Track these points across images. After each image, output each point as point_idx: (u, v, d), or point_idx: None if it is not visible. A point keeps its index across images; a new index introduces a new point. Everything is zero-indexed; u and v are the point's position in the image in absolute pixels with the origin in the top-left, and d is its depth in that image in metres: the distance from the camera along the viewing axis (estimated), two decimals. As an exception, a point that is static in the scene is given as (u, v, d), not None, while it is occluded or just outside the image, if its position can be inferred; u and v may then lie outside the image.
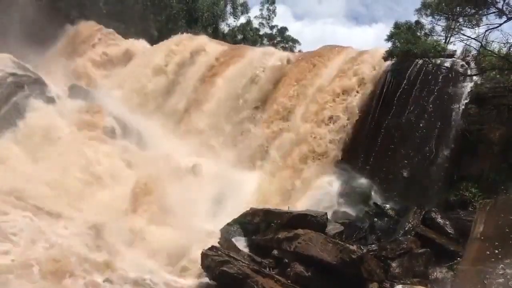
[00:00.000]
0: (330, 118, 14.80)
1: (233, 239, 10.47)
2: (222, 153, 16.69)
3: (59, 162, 13.20)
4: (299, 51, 29.20)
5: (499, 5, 11.34)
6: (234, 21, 32.88)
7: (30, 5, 22.61)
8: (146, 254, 10.45)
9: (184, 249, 10.46)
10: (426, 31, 13.24)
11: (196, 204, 12.99)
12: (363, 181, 13.22)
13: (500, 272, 6.31)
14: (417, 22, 13.81)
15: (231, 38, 30.57)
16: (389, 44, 13.58)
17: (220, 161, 16.07)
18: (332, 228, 10.61)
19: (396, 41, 13.24)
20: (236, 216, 11.23)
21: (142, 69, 20.75)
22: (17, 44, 19.39)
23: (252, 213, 10.94)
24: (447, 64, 13.48)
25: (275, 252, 9.71)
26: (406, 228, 10.57)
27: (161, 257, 10.38)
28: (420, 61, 13.38)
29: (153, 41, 23.40)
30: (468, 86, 12.98)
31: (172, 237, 10.98)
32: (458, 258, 9.03)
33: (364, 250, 9.48)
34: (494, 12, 11.52)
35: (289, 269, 9.15)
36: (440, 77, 13.23)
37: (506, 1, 11.20)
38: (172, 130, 18.34)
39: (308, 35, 50.81)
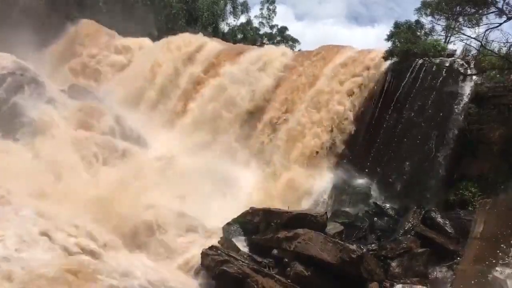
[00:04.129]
0: (330, 117, 14.82)
1: (233, 239, 10.48)
2: (221, 151, 16.69)
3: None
4: (299, 50, 29.18)
5: (499, 5, 11.36)
6: (234, 20, 32.92)
7: (30, 5, 22.61)
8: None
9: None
10: (426, 30, 13.24)
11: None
12: (363, 180, 13.23)
13: (500, 272, 6.32)
14: (417, 22, 13.80)
15: (231, 37, 30.57)
16: (389, 44, 13.60)
17: (218, 158, 16.08)
18: (332, 227, 10.63)
19: (396, 40, 13.25)
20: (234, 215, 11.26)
21: (141, 68, 20.76)
22: (17, 43, 19.38)
23: (252, 213, 10.95)
24: (447, 63, 13.48)
25: (275, 251, 9.73)
26: (406, 228, 10.57)
27: None
28: (420, 61, 13.38)
29: (153, 40, 23.38)
30: (468, 85, 12.98)
31: None
32: (458, 258, 9.04)
33: (364, 250, 9.49)
34: (494, 12, 11.51)
35: (289, 268, 9.16)
36: (440, 76, 13.23)
37: (506, 0, 11.21)
38: (172, 128, 18.35)
39: (309, 35, 50.76)
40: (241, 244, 10.35)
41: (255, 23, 33.70)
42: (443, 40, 14.41)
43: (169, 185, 13.24)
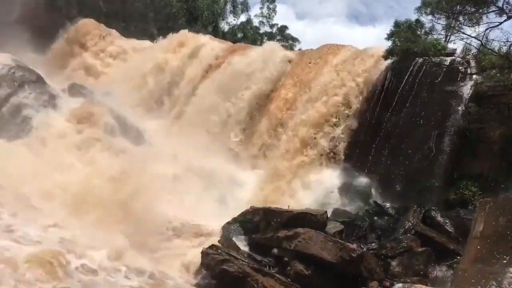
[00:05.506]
0: (330, 115, 14.82)
1: (233, 238, 10.48)
2: (221, 150, 16.69)
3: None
4: (299, 49, 29.19)
5: (499, 4, 11.35)
6: (234, 19, 32.96)
7: (30, 4, 22.59)
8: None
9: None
10: (426, 29, 13.27)
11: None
12: (363, 179, 13.22)
13: (500, 271, 6.31)
14: (417, 21, 13.82)
15: (231, 36, 30.57)
16: (390, 43, 13.60)
17: (219, 158, 16.07)
18: (332, 226, 10.63)
19: (396, 39, 13.24)
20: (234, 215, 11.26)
21: (142, 67, 20.75)
22: (17, 43, 19.38)
23: (252, 212, 10.96)
24: (447, 62, 13.45)
25: (275, 250, 9.73)
26: (406, 227, 10.57)
27: None
28: (420, 60, 13.37)
29: (153, 39, 23.39)
30: (468, 84, 12.95)
31: None
32: (458, 257, 9.03)
33: (364, 249, 9.50)
34: (494, 11, 11.51)
35: (289, 267, 9.17)
36: (440, 75, 13.21)
37: (506, -1, 11.20)
38: (172, 127, 18.34)
39: (310, 35, 50.95)
40: (241, 243, 10.36)
41: (255, 22, 33.86)
42: (443, 39, 14.41)
43: (169, 184, 13.25)
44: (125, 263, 9.71)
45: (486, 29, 11.72)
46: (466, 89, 12.87)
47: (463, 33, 12.31)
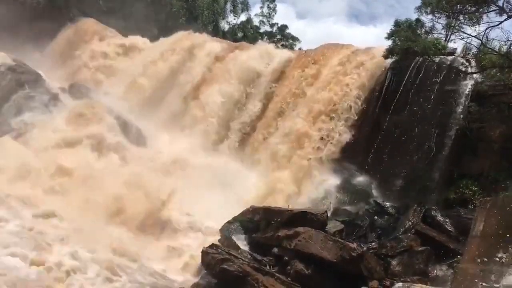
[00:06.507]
0: (330, 115, 14.82)
1: (233, 237, 10.49)
2: (222, 149, 16.70)
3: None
4: (299, 49, 29.18)
5: (500, 3, 11.36)
6: (234, 19, 32.89)
7: (30, 3, 22.60)
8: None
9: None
10: (427, 29, 13.30)
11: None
12: (363, 179, 13.23)
13: (500, 270, 6.32)
14: (418, 20, 13.84)
15: (231, 36, 30.53)
16: (390, 42, 13.61)
17: (218, 156, 16.07)
18: (332, 226, 10.64)
19: (397, 39, 13.25)
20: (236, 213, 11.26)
21: (142, 67, 20.74)
22: (17, 42, 19.40)
23: (252, 211, 10.95)
24: (448, 62, 13.46)
25: (275, 250, 9.73)
26: (406, 226, 10.57)
27: None
28: (421, 59, 13.38)
29: (153, 38, 23.35)
30: (468, 84, 12.96)
31: None
32: (458, 256, 9.02)
33: (364, 248, 9.49)
34: (495, 10, 11.52)
35: (289, 267, 9.16)
36: (441, 75, 13.21)
37: (507, -1, 11.20)
38: (172, 126, 18.34)
39: (311, 34, 50.98)
40: (242, 242, 10.36)
41: (256, 21, 33.72)
42: (444, 39, 14.43)
43: (170, 183, 13.25)
44: (125, 261, 9.71)
45: (487, 29, 11.75)
46: (467, 88, 12.88)
47: (464, 32, 12.33)
